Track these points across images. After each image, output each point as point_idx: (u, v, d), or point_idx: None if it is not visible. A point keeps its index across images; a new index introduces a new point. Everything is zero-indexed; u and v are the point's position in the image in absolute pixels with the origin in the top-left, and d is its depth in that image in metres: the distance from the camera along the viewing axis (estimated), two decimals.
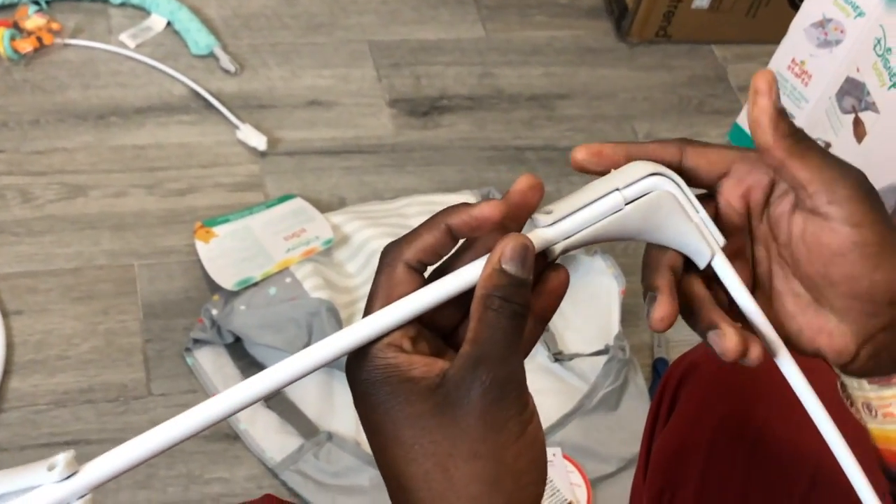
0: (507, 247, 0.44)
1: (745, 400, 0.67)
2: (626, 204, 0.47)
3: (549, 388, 1.27)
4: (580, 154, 0.49)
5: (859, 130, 1.33)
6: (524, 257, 0.45)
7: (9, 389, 1.17)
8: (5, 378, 1.18)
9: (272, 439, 1.18)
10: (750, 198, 0.49)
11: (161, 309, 1.26)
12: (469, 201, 1.45)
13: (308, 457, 1.16)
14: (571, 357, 1.28)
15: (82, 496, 0.44)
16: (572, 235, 0.48)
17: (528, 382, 1.40)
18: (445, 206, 1.45)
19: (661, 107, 1.59)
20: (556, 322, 1.32)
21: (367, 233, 1.28)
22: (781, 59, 1.45)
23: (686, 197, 0.48)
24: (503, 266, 0.44)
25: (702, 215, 0.48)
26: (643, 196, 0.48)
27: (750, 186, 0.49)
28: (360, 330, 0.46)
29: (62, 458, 0.43)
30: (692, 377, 0.70)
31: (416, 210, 1.33)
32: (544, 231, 0.48)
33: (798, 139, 0.46)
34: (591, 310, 1.32)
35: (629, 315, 1.34)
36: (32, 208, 1.31)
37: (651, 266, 0.48)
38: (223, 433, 1.18)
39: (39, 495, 0.43)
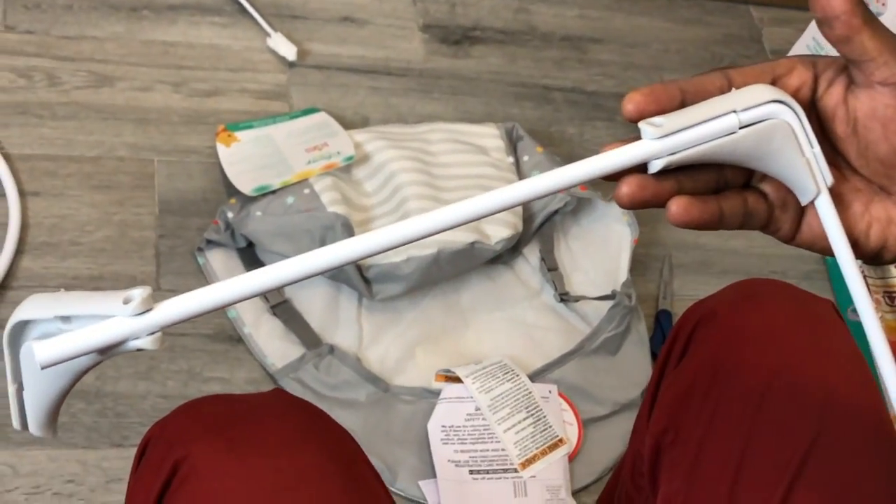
0: None
1: (759, 351, 0.68)
2: (741, 128, 0.46)
3: (552, 326, 1.28)
4: (632, 105, 0.47)
5: None
6: None
7: (20, 268, 1.18)
8: (17, 257, 1.19)
9: (275, 346, 1.19)
10: (797, 99, 0.49)
11: (177, 206, 1.26)
12: (493, 134, 1.45)
13: (308, 367, 1.17)
14: (577, 299, 1.29)
15: (152, 333, 0.44)
16: (678, 152, 0.46)
17: (532, 320, 1.43)
18: (468, 136, 1.46)
19: (692, 61, 1.58)
20: (565, 263, 1.33)
21: (389, 154, 1.28)
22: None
23: (804, 130, 0.47)
24: None
25: (815, 151, 0.47)
26: (760, 122, 0.46)
27: (795, 88, 0.49)
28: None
29: (139, 293, 0.44)
30: (709, 323, 0.71)
31: (438, 137, 1.33)
32: (651, 143, 0.47)
33: (868, 11, 0.46)
34: (601, 255, 1.32)
35: (638, 265, 1.35)
36: (58, 93, 1.31)
37: None
38: (227, 334, 1.20)
39: (113, 325, 0.44)
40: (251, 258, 1.24)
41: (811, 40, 1.45)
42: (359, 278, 1.20)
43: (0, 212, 1.21)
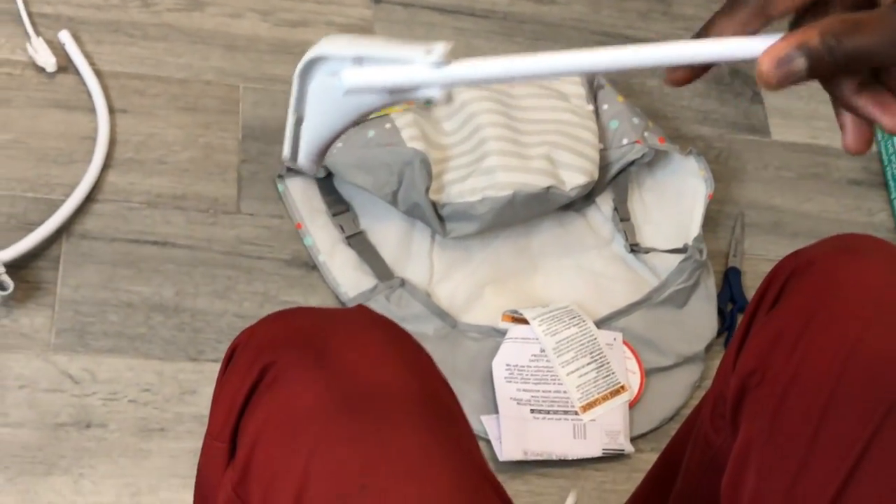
0: None
1: (854, 302, 0.68)
2: None
3: (620, 276, 1.29)
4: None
5: None
6: None
7: (106, 182, 1.22)
8: (104, 171, 1.22)
9: (348, 275, 1.21)
10: None
11: (260, 133, 1.29)
12: (575, 80, 1.44)
13: (379, 297, 1.19)
14: (647, 250, 1.30)
15: (444, 87, 0.47)
16: None
17: (601, 268, 1.44)
18: (549, 83, 1.44)
19: (777, 21, 1.57)
20: (637, 214, 1.33)
21: (470, 94, 1.29)
22: None
23: None
24: None
25: None
26: None
27: None
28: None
29: (441, 46, 0.46)
30: (805, 272, 0.71)
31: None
32: None
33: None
34: (674, 208, 1.33)
35: (710, 221, 1.35)
36: (150, 14, 1.34)
37: None
38: (302, 261, 1.22)
39: (414, 69, 0.45)
40: (329, 188, 1.26)
41: None
42: (433, 215, 1.21)
43: (89, 126, 1.24)
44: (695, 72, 0.52)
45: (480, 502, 0.60)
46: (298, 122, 0.52)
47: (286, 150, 0.53)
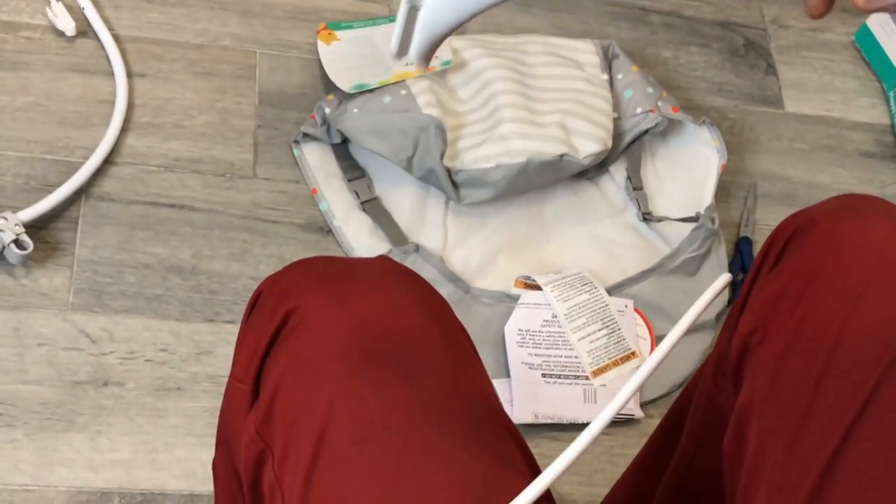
0: None
1: (857, 259, 0.69)
2: None
3: (632, 244, 1.30)
4: None
5: None
6: None
7: (124, 146, 1.23)
8: (122, 134, 1.23)
9: (363, 239, 1.23)
10: None
11: (276, 98, 1.30)
12: (590, 50, 1.46)
13: None
14: (660, 219, 1.30)
15: None
16: None
17: (614, 236, 1.46)
18: (565, 50, 1.47)
19: None
20: (650, 183, 1.34)
21: (485, 62, 1.30)
22: None
23: None
24: None
25: None
26: None
27: None
28: None
29: None
30: (808, 230, 0.72)
31: (535, 49, 1.34)
32: None
33: None
34: (687, 178, 1.34)
35: (723, 191, 1.36)
36: None
37: None
38: (318, 226, 1.23)
39: None
40: (345, 154, 1.27)
41: None
42: (448, 182, 1.22)
43: (108, 90, 1.25)
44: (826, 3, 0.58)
45: (497, 444, 0.61)
46: (413, 10, 0.49)
47: (394, 44, 0.50)
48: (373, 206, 1.25)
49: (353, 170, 1.27)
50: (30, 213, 1.13)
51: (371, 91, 1.26)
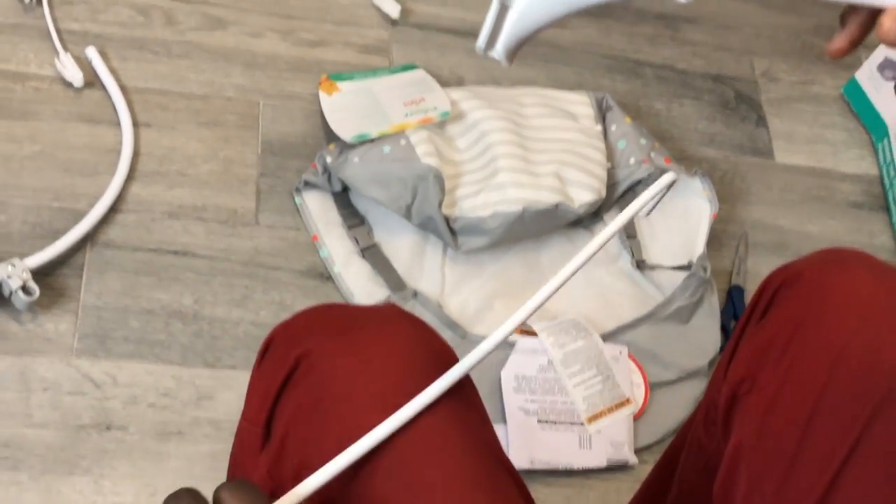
0: None
1: (841, 312, 0.71)
2: None
3: (626, 291, 1.32)
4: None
5: None
6: None
7: (129, 193, 1.26)
8: (128, 182, 1.26)
9: (362, 286, 1.25)
10: None
11: (278, 148, 1.33)
12: (584, 101, 1.49)
13: None
14: (653, 267, 1.33)
15: None
16: None
17: (608, 283, 1.48)
18: (560, 102, 1.51)
19: (782, 48, 1.61)
20: (644, 232, 1.37)
21: (482, 113, 1.33)
22: None
23: None
24: None
25: None
26: None
27: None
28: None
29: None
30: (794, 283, 0.74)
31: (532, 100, 1.38)
32: None
33: None
34: (680, 227, 1.37)
35: (715, 240, 1.39)
36: (174, 32, 1.38)
37: None
38: (318, 272, 1.26)
39: None
40: (345, 202, 1.30)
41: None
42: (446, 229, 1.25)
43: (114, 140, 1.28)
44: (852, 43, 0.62)
45: (501, 488, 0.63)
46: (503, 9, 0.52)
47: (482, 39, 0.53)
48: (372, 253, 1.28)
49: (353, 217, 1.30)
50: (36, 259, 1.15)
51: (371, 141, 1.29)
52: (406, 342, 0.67)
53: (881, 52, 1.51)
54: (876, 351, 0.69)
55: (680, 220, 1.37)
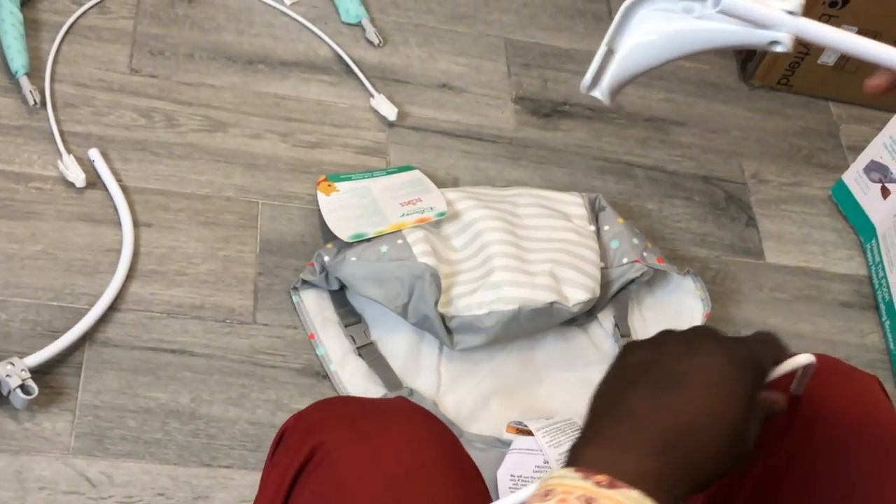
0: None
1: (807, 425, 0.74)
2: None
3: None
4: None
5: None
6: None
7: (129, 292, 1.27)
8: (127, 282, 1.27)
9: (358, 384, 1.26)
10: None
11: (277, 247, 1.35)
12: (577, 202, 1.52)
13: None
14: None
15: (790, 33, 0.55)
16: None
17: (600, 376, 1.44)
18: (553, 202, 1.55)
19: (770, 151, 1.65)
20: (638, 330, 1.38)
21: (478, 213, 1.36)
22: None
23: None
24: None
25: None
26: None
27: None
28: None
29: (797, 0, 0.54)
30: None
31: (526, 200, 1.40)
32: None
33: None
34: (673, 325, 1.37)
35: None
36: (175, 134, 1.41)
37: None
38: (314, 370, 1.27)
39: (773, 13, 0.54)
40: (342, 300, 1.32)
41: (888, 139, 1.51)
42: (442, 327, 1.26)
43: (114, 239, 1.30)
44: (890, 84, 0.66)
45: None
46: (609, 53, 0.58)
47: (587, 79, 0.59)
48: (368, 351, 1.29)
49: (349, 315, 1.31)
50: (35, 358, 1.16)
51: (369, 240, 1.31)
52: (417, 435, 0.68)
53: (867, 155, 1.55)
54: (833, 456, 0.72)
55: (673, 318, 1.39)
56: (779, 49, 0.54)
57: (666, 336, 0.65)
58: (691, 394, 0.60)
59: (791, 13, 0.53)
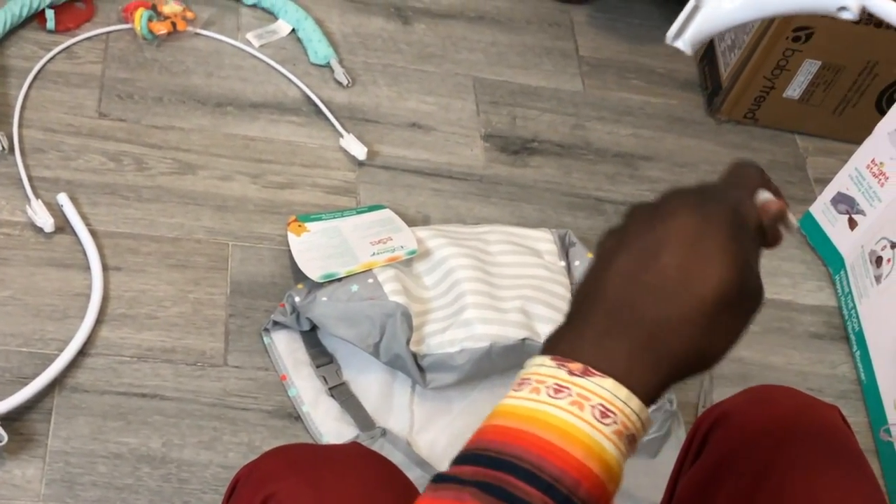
0: None
1: (770, 452, 0.74)
2: None
3: None
4: None
5: None
6: None
7: (98, 337, 1.26)
8: (97, 326, 1.27)
9: (330, 425, 1.25)
10: None
11: (247, 288, 1.34)
12: (547, 239, 1.52)
13: None
14: None
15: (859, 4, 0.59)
16: None
17: None
18: (524, 239, 1.55)
19: None
20: None
21: (448, 251, 1.36)
22: (861, 157, 1.51)
23: None
24: None
25: None
26: None
27: None
28: None
29: None
30: (723, 424, 0.78)
31: (496, 238, 1.41)
32: None
33: None
34: None
35: None
36: (145, 177, 1.41)
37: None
38: (286, 412, 1.26)
39: None
40: (313, 341, 1.31)
41: (853, 170, 1.52)
42: (414, 366, 1.26)
43: (84, 284, 1.30)
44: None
45: None
46: (696, 8, 0.61)
47: (673, 30, 0.64)
48: (341, 392, 1.28)
49: (321, 356, 1.31)
50: (4, 405, 1.15)
51: (339, 280, 1.31)
52: (371, 481, 0.68)
53: (834, 187, 1.56)
54: (810, 495, 0.72)
55: None
56: (846, 15, 0.56)
57: (636, 210, 0.61)
58: (667, 262, 0.56)
59: None
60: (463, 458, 0.56)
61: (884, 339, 1.44)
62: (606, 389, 0.54)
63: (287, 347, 1.30)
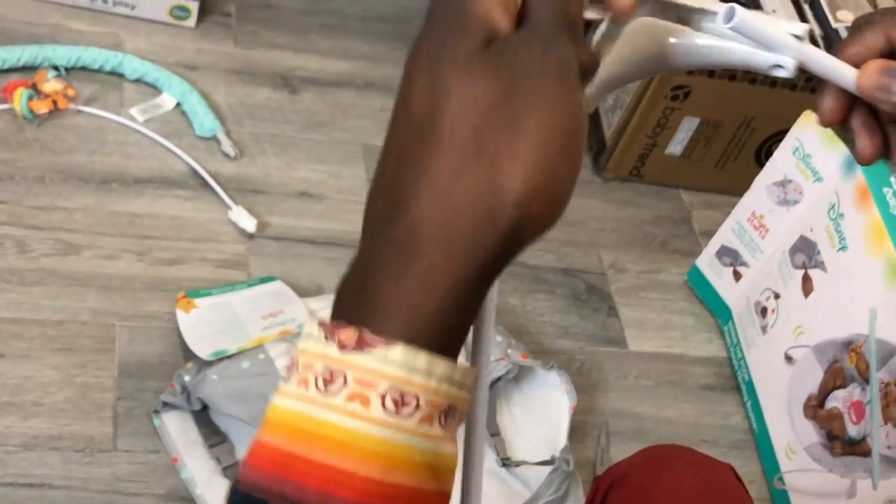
0: None
1: None
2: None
3: (493, 490, 1.33)
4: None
5: (807, 286, 1.43)
6: None
7: None
8: None
9: None
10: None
11: (136, 369, 1.32)
12: None
13: None
14: (518, 464, 1.35)
15: (796, 58, 0.53)
16: None
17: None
18: None
19: (627, 240, 1.69)
20: (508, 429, 1.39)
21: None
22: (742, 210, 1.56)
23: None
24: None
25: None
26: None
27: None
28: None
29: (803, 26, 0.52)
30: (621, 485, 0.78)
31: None
32: None
33: None
34: (543, 420, 1.39)
35: (577, 431, 1.42)
36: (27, 259, 1.38)
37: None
38: (180, 495, 1.23)
39: (781, 36, 0.52)
40: (205, 420, 1.29)
41: (735, 224, 1.56)
42: None
43: None
44: (843, 113, 0.54)
45: None
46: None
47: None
48: (235, 472, 1.26)
49: (214, 436, 1.28)
50: None
51: (230, 357, 1.29)
52: None
53: (718, 240, 1.60)
54: None
55: (542, 413, 1.40)
56: (781, 73, 0.53)
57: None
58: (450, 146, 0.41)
59: (798, 38, 0.53)
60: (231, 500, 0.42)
61: (773, 388, 1.47)
62: (395, 364, 0.40)
63: (178, 428, 1.28)
